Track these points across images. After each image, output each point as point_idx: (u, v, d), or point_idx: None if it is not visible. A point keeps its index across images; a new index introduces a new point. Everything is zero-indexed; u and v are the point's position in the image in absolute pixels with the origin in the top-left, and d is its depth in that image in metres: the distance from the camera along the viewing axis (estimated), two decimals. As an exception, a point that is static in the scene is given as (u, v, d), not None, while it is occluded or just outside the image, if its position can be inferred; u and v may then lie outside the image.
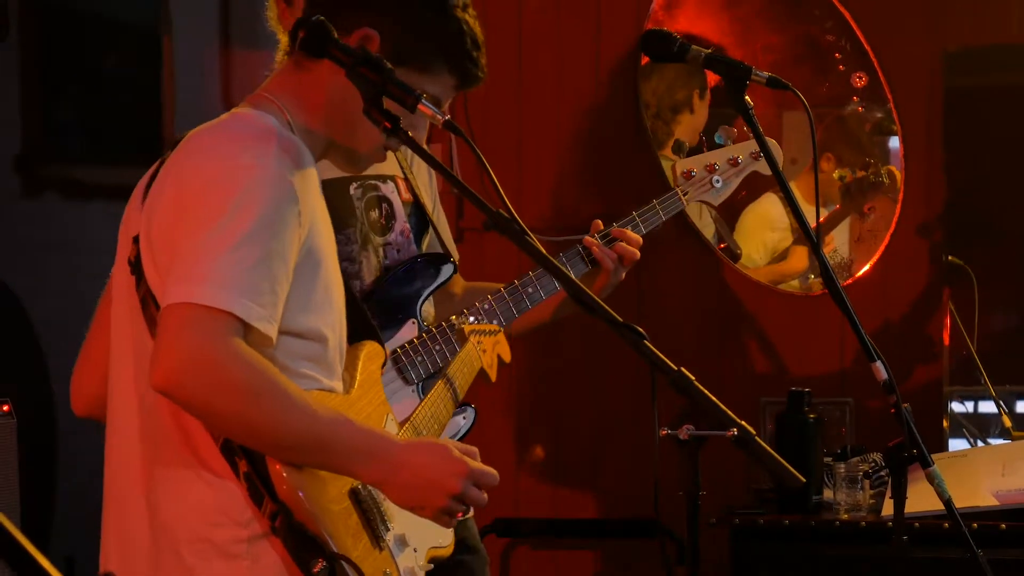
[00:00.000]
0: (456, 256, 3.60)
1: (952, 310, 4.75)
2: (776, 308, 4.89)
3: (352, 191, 3.41)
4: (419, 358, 3.37)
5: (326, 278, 2.47)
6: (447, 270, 3.45)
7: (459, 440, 3.44)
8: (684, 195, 3.67)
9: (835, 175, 4.88)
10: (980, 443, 4.70)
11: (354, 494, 2.47)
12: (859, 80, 4.80)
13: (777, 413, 4.32)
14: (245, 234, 2.31)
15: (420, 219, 3.51)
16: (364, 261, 3.41)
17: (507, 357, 3.28)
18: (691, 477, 2.43)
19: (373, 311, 3.31)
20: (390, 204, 3.46)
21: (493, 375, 3.21)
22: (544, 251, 2.42)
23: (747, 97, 3.17)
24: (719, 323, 4.88)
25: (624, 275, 3.49)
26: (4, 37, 4.93)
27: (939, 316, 4.77)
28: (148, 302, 2.42)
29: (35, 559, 1.32)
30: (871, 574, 4.06)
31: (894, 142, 4.87)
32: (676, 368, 2.35)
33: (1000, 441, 4.65)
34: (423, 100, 2.38)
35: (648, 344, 2.35)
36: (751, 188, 4.47)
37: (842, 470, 4.18)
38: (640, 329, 2.35)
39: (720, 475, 4.01)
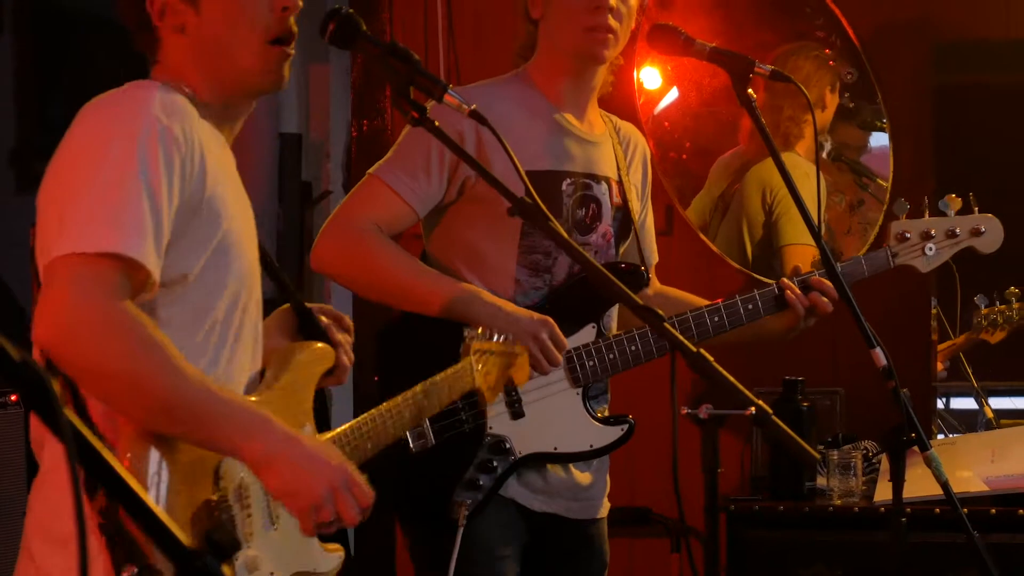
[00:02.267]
0: (655, 259, 3.66)
1: (937, 306, 4.79)
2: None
3: (564, 187, 3.43)
4: (590, 362, 3.40)
5: (227, 239, 2.41)
6: (637, 285, 3.44)
7: (609, 450, 3.48)
8: (893, 256, 3.70)
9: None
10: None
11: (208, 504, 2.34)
12: (849, 76, 4.83)
13: (771, 402, 4.36)
14: (119, 177, 2.26)
15: (624, 225, 3.54)
16: (559, 257, 3.42)
17: (520, 381, 3.08)
18: (711, 455, 2.50)
19: (557, 308, 3.35)
20: (599, 205, 3.47)
21: (491, 398, 2.98)
22: (567, 236, 2.48)
23: (751, 90, 3.25)
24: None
25: (813, 323, 3.53)
26: (-2, 34, 4.97)
27: (925, 312, 4.80)
28: (34, 277, 2.38)
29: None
30: (863, 558, 4.10)
31: (883, 138, 4.90)
32: (695, 349, 2.42)
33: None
34: (450, 90, 2.45)
35: (668, 326, 2.42)
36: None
37: (835, 457, 4.23)
38: (660, 312, 2.43)
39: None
